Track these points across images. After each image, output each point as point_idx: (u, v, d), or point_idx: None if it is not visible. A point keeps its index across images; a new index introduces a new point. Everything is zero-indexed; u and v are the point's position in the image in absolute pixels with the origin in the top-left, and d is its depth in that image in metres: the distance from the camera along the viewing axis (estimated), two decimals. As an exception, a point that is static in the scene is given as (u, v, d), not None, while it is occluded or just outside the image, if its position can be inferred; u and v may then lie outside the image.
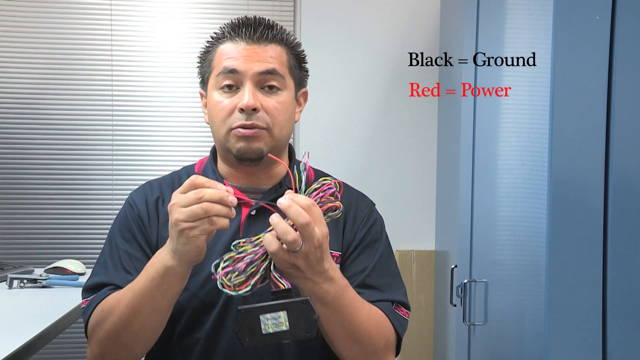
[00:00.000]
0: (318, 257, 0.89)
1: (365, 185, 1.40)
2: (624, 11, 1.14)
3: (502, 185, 1.47)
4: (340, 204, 0.92)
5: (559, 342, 1.16)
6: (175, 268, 0.93)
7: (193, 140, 2.42)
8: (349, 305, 0.97)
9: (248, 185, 1.14)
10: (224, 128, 1.08)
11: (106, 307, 1.02)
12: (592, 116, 1.15)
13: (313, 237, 0.86)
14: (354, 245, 1.14)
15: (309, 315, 0.86)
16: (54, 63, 2.35)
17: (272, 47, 1.09)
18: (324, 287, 0.92)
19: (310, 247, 0.87)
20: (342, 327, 0.98)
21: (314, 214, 0.87)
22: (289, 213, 0.85)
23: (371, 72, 2.40)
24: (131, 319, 0.98)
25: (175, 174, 1.20)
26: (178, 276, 0.95)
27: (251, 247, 0.88)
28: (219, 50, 1.10)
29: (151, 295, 0.96)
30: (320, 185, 0.91)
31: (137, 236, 1.11)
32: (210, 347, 1.08)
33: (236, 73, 1.06)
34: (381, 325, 1.05)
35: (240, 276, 0.86)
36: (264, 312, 0.85)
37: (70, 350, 2.35)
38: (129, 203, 1.15)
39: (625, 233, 1.16)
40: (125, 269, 1.08)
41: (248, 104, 1.05)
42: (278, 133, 1.09)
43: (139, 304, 0.97)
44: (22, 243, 2.35)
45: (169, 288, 0.96)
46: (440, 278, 2.28)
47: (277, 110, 1.08)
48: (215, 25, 1.19)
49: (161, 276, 0.94)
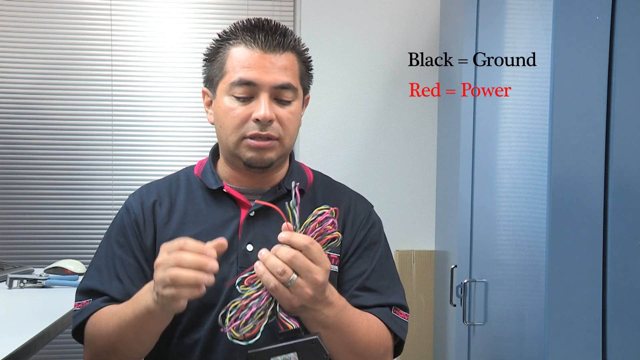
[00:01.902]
0: (322, 291, 0.89)
1: (365, 185, 1.40)
2: (624, 11, 1.14)
3: (502, 185, 1.47)
4: (339, 234, 0.90)
5: (559, 342, 1.16)
6: (157, 313, 0.94)
7: (193, 141, 2.42)
8: (349, 324, 0.99)
9: (248, 187, 1.14)
10: (235, 136, 1.07)
11: (97, 325, 1.06)
12: (592, 116, 1.15)
13: (312, 274, 0.86)
14: (353, 248, 1.14)
15: (319, 354, 0.87)
16: (54, 63, 2.35)
17: (286, 56, 1.08)
18: (324, 312, 0.93)
19: (313, 285, 0.86)
20: (344, 344, 1.00)
21: (313, 252, 0.86)
22: (266, 265, 0.85)
23: (371, 72, 2.40)
24: (118, 344, 1.02)
25: (173, 176, 1.20)
26: (159, 319, 0.97)
27: (255, 292, 0.88)
28: (232, 54, 1.07)
29: (134, 329, 0.99)
30: (316, 217, 0.89)
31: (132, 243, 1.11)
32: (210, 347, 1.08)
33: (252, 85, 1.05)
34: (380, 335, 1.07)
35: (249, 325, 0.86)
36: (275, 354, 0.86)
37: (70, 350, 2.35)
38: (126, 207, 1.15)
39: (625, 233, 1.16)
40: (119, 277, 1.10)
41: (265, 115, 1.04)
42: (288, 142, 1.10)
43: (123, 332, 1.00)
44: (22, 243, 2.35)
45: (150, 326, 0.98)
46: (440, 278, 2.28)
47: (289, 120, 1.08)
48: (216, 25, 1.19)
49: (144, 315, 0.96)
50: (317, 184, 1.19)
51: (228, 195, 1.13)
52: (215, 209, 1.12)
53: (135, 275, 1.10)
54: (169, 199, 1.14)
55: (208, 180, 1.14)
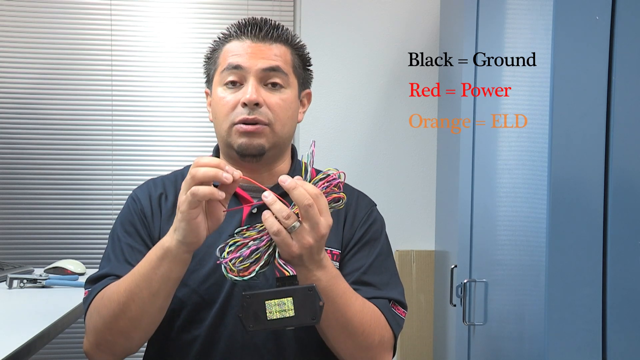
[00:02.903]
0: (320, 246, 0.90)
1: (365, 185, 1.40)
2: (624, 11, 1.14)
3: (502, 185, 1.47)
4: (344, 195, 0.92)
5: (559, 342, 1.16)
6: (173, 249, 0.92)
7: (193, 141, 2.42)
8: (341, 296, 0.97)
9: (250, 184, 1.14)
10: (226, 123, 1.09)
11: (106, 294, 1.02)
12: (592, 116, 1.15)
13: (317, 224, 0.87)
14: (352, 243, 1.14)
15: (314, 302, 0.87)
16: (54, 63, 2.35)
17: (276, 46, 1.11)
18: (317, 274, 0.93)
19: (315, 235, 0.87)
20: (335, 319, 0.98)
21: (321, 204, 0.88)
22: (293, 194, 0.86)
23: (371, 72, 2.40)
24: (129, 303, 0.96)
25: (178, 172, 1.21)
26: (176, 259, 0.94)
27: (256, 234, 0.89)
28: (225, 49, 1.12)
29: (149, 279, 0.95)
30: (325, 176, 0.91)
31: (140, 230, 1.11)
32: (209, 344, 1.08)
33: (240, 69, 1.08)
34: (375, 320, 1.05)
35: (245, 262, 0.87)
36: (270, 297, 0.86)
37: (70, 350, 2.35)
38: (132, 198, 1.16)
39: (625, 233, 1.16)
40: (127, 261, 1.08)
41: (251, 98, 1.06)
42: (280, 130, 1.10)
43: (137, 287, 0.96)
44: (22, 243, 2.35)
45: (167, 272, 0.94)
46: (440, 278, 2.28)
47: (279, 106, 1.09)
48: (215, 25, 1.20)
49: (160, 258, 0.94)
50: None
51: None
52: None
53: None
54: (174, 193, 1.15)
55: None
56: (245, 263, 0.87)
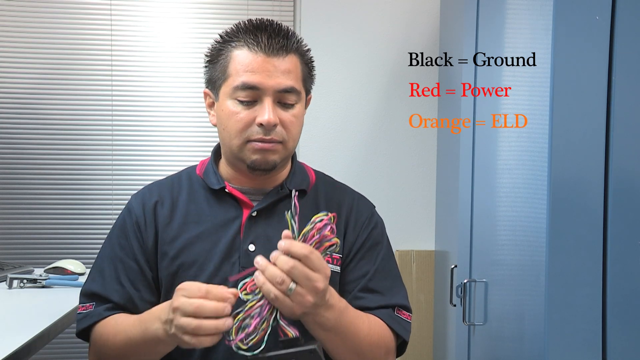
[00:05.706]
0: (322, 296, 0.90)
1: (365, 185, 1.40)
2: (624, 11, 1.14)
3: (502, 185, 1.47)
4: (337, 240, 0.91)
5: (559, 342, 1.16)
6: (167, 343, 0.96)
7: (193, 141, 2.42)
8: (349, 326, 0.99)
9: (250, 187, 1.14)
10: (239, 139, 1.07)
11: (104, 336, 1.07)
12: (592, 116, 1.15)
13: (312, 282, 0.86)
14: (355, 248, 1.14)
15: None
16: (54, 63, 2.35)
17: (289, 58, 1.07)
18: (325, 315, 0.93)
19: (314, 293, 0.87)
20: (345, 346, 1.00)
21: (313, 261, 0.86)
22: (267, 276, 0.86)
23: (371, 72, 2.40)
24: (125, 357, 1.05)
25: (175, 176, 1.20)
26: (168, 346, 0.99)
27: (256, 302, 0.89)
28: (235, 57, 1.06)
29: (142, 350, 1.01)
30: (315, 224, 0.89)
31: (133, 245, 1.12)
32: (211, 347, 1.07)
33: (256, 89, 1.05)
34: (382, 336, 1.07)
35: (253, 337, 0.88)
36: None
37: (70, 350, 2.35)
38: (127, 209, 1.16)
39: (625, 233, 1.16)
40: (120, 281, 1.10)
41: (269, 120, 1.04)
42: (292, 145, 1.10)
43: (129, 350, 1.03)
44: (22, 243, 2.35)
45: (158, 350, 1.00)
46: (440, 278, 2.28)
47: (292, 124, 1.08)
48: (216, 25, 1.19)
49: (154, 343, 0.98)
50: (320, 185, 1.19)
51: (230, 195, 1.13)
52: (218, 208, 1.12)
53: (135, 278, 1.10)
54: (171, 198, 1.15)
55: (210, 180, 1.14)
56: (253, 338, 0.88)
